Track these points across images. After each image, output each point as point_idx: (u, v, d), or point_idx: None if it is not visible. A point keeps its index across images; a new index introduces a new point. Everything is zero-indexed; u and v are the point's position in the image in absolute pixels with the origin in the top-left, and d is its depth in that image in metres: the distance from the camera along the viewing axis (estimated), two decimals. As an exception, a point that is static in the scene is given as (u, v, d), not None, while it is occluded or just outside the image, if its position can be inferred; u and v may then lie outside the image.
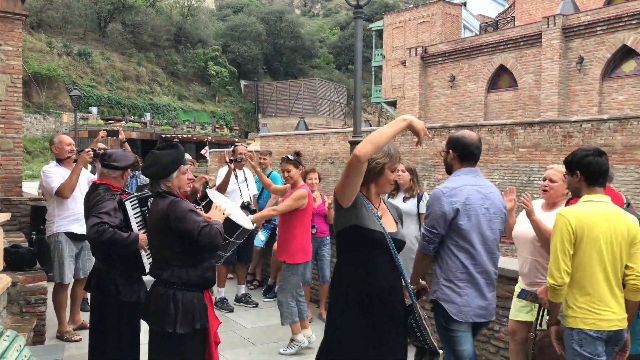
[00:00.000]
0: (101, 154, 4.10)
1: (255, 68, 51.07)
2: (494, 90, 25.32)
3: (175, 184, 3.08)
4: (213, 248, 3.08)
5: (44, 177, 5.12)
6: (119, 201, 3.56)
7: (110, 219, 3.39)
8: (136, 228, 3.51)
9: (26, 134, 29.40)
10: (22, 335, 3.05)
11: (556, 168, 3.70)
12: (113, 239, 3.34)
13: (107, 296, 3.54)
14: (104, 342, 3.55)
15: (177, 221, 2.93)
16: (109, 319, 3.54)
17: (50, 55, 38.19)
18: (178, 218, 2.93)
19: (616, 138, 14.27)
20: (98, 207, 3.45)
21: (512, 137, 16.60)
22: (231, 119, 46.30)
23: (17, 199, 7.22)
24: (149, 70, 45.08)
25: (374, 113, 48.01)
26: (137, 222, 3.53)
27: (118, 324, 3.54)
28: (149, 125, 36.08)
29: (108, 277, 3.55)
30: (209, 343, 3.09)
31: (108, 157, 3.80)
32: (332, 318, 2.73)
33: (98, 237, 3.32)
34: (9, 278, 4.33)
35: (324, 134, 24.20)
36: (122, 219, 3.49)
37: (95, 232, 3.32)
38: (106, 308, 3.55)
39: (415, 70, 28.10)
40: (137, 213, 3.57)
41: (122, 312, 3.54)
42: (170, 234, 2.97)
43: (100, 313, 3.60)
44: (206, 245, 3.01)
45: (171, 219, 2.94)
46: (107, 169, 3.78)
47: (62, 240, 5.07)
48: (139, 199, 3.59)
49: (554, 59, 22.05)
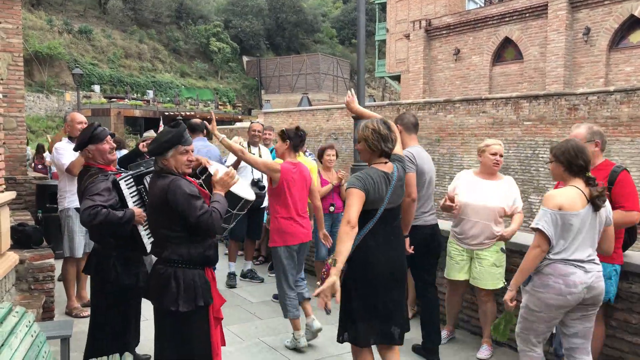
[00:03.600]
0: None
1: (257, 44, 50.57)
2: (499, 63, 25.05)
3: (172, 163, 3.05)
4: (211, 233, 3.08)
5: (56, 154, 5.15)
6: (113, 181, 3.47)
7: (103, 200, 3.28)
8: (132, 207, 3.44)
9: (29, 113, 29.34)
10: (31, 311, 3.09)
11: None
12: (107, 219, 3.23)
13: (107, 280, 3.53)
14: (105, 323, 3.57)
15: (176, 204, 2.92)
16: (109, 301, 3.55)
17: (51, 33, 37.87)
18: (177, 201, 2.91)
19: (622, 110, 14.12)
20: (89, 189, 3.34)
21: (517, 110, 16.46)
22: (234, 96, 46.04)
23: (22, 178, 7.25)
24: (150, 47, 44.70)
25: (378, 88, 47.64)
26: (133, 201, 3.47)
27: (118, 306, 3.56)
28: (151, 103, 35.93)
29: (107, 261, 3.52)
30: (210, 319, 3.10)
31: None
32: None
33: (92, 219, 3.21)
34: (17, 256, 4.37)
35: (327, 110, 24.05)
36: (117, 199, 3.41)
37: (88, 216, 3.21)
38: (106, 291, 3.56)
39: (419, 43, 27.79)
40: (134, 192, 3.51)
41: (122, 294, 3.56)
42: (169, 214, 2.96)
43: (100, 296, 3.61)
44: (205, 232, 3.01)
45: (170, 201, 2.92)
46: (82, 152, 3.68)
47: (73, 215, 5.13)
48: (134, 178, 3.55)
49: (560, 30, 21.74)
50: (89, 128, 3.72)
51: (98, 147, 3.65)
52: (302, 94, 38.55)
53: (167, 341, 3.05)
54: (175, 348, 3.02)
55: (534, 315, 3.17)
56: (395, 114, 20.19)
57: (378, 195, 3.06)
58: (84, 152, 3.66)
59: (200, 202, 2.96)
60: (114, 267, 3.52)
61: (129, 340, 3.72)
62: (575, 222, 3.02)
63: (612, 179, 3.48)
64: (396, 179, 3.16)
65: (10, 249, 4.37)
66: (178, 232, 2.99)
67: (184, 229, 2.99)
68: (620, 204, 3.43)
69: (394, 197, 3.15)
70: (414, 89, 28.00)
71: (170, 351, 3.03)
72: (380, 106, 21.22)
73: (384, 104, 21.47)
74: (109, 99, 34.54)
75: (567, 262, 3.05)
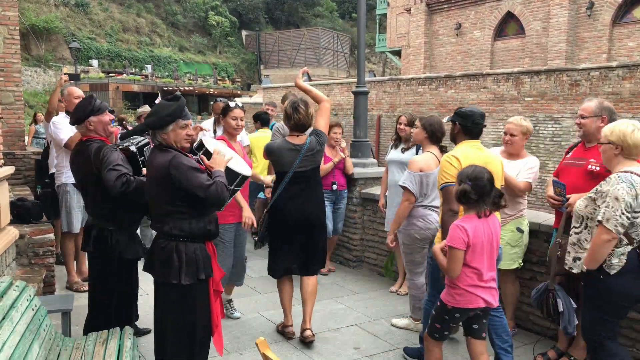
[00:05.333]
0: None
1: (256, 18, 49.91)
2: (501, 38, 24.75)
3: (172, 137, 3.02)
4: (221, 204, 3.07)
5: (53, 128, 5.09)
6: (131, 155, 3.53)
7: (126, 169, 3.35)
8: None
9: (27, 88, 29.11)
10: (32, 285, 3.11)
11: (515, 122, 4.17)
12: (138, 185, 3.30)
13: (109, 256, 3.55)
14: (107, 298, 3.59)
15: (180, 180, 2.89)
16: (111, 276, 3.57)
17: (47, 7, 37.33)
18: (181, 177, 2.89)
19: (624, 86, 14.00)
20: (108, 160, 3.34)
21: (517, 86, 16.32)
22: (233, 71, 45.65)
23: (20, 153, 7.22)
24: (148, 21, 44.14)
25: (378, 63, 47.20)
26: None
27: (119, 280, 3.58)
28: (150, 78, 35.67)
29: (110, 236, 3.53)
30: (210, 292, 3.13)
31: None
32: None
33: (127, 188, 3.27)
34: (17, 231, 4.38)
35: (327, 85, 23.84)
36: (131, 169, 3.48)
37: (121, 185, 3.25)
38: (107, 266, 3.57)
39: (420, 18, 27.41)
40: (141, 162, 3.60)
41: (122, 269, 3.58)
42: (172, 189, 2.94)
43: (101, 270, 3.62)
44: (214, 203, 3.00)
45: (173, 177, 2.90)
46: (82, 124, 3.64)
47: (70, 190, 5.13)
48: (138, 149, 3.59)
49: (563, 4, 21.42)
50: (88, 100, 3.67)
51: (100, 118, 3.63)
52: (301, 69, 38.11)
53: (170, 313, 3.07)
54: (177, 320, 3.05)
55: (408, 248, 4.31)
56: (396, 90, 20.17)
57: (284, 161, 4.00)
58: (85, 124, 3.61)
59: (204, 174, 2.96)
60: (117, 242, 3.54)
61: (131, 315, 3.76)
62: (430, 179, 4.07)
63: None
64: (306, 149, 3.99)
65: (10, 223, 4.38)
66: (179, 206, 2.98)
67: (186, 203, 2.98)
68: None
69: (304, 163, 4.01)
70: (414, 64, 27.72)
71: (172, 323, 3.06)
72: (380, 81, 21.06)
73: (385, 79, 21.29)
74: (107, 73, 34.26)
75: (425, 207, 4.18)
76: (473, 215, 3.00)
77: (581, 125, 3.67)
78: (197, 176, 2.91)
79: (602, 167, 3.49)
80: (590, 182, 3.50)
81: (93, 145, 3.52)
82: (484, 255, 3.00)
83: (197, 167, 2.98)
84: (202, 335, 3.12)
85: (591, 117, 3.60)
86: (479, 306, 3.04)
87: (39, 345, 2.70)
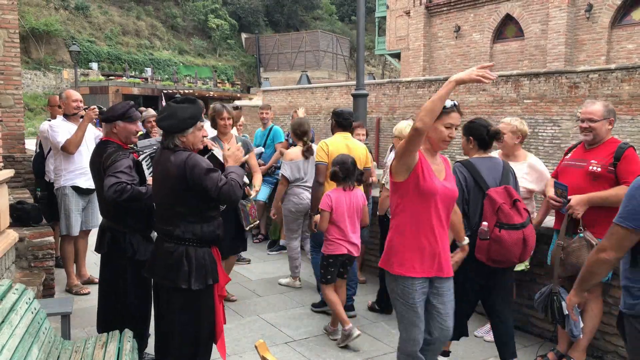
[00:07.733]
0: (104, 111, 4.07)
1: (256, 20, 49.97)
2: (500, 41, 24.79)
3: (190, 140, 2.99)
4: (234, 202, 3.06)
5: (51, 131, 5.11)
6: (134, 161, 3.52)
7: (127, 178, 3.33)
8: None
9: (27, 91, 29.14)
10: (31, 288, 3.11)
11: (504, 122, 4.16)
12: (132, 196, 3.29)
13: (123, 257, 3.55)
14: (117, 300, 3.59)
15: (194, 179, 2.86)
16: (124, 278, 3.56)
17: (47, 10, 37.37)
18: (195, 177, 2.86)
19: (623, 88, 14.02)
20: (114, 166, 3.36)
21: (517, 88, 16.33)
22: (232, 74, 45.67)
23: (20, 156, 7.22)
24: (148, 24, 44.18)
25: (378, 65, 47.24)
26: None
27: (133, 282, 3.56)
28: (150, 81, 35.65)
29: (124, 238, 3.54)
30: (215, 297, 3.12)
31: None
32: None
33: (118, 196, 3.25)
34: (16, 234, 4.38)
35: (326, 88, 23.85)
36: (137, 177, 3.46)
37: (114, 192, 3.24)
38: (121, 267, 3.56)
39: (419, 20, 27.45)
40: (151, 170, 3.58)
41: (136, 270, 3.55)
42: (186, 191, 2.91)
43: (115, 272, 3.61)
44: (227, 202, 2.99)
45: (188, 177, 2.86)
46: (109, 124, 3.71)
47: (69, 193, 5.13)
48: (152, 158, 3.60)
49: (562, 7, 21.46)
50: (125, 104, 3.73)
51: (127, 126, 3.66)
52: (301, 71, 38.21)
53: (176, 317, 3.04)
54: (183, 324, 3.03)
55: (286, 218, 5.52)
56: (395, 92, 20.18)
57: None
58: (112, 125, 3.63)
59: (217, 174, 2.92)
60: (130, 244, 3.55)
61: (148, 314, 3.70)
62: (300, 165, 5.36)
63: (618, 155, 3.53)
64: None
65: (10, 226, 4.38)
66: (194, 209, 2.96)
67: (200, 206, 2.97)
68: (624, 179, 3.46)
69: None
70: (414, 67, 27.74)
71: (177, 327, 3.03)
72: (380, 84, 21.08)
73: (384, 82, 21.31)
74: (107, 76, 34.25)
75: (299, 187, 5.40)
76: (340, 189, 4.22)
77: (591, 129, 3.65)
78: (211, 175, 2.88)
79: (604, 169, 3.50)
80: (591, 184, 3.51)
81: (109, 148, 3.56)
82: (345, 217, 4.16)
83: (212, 167, 2.96)
84: (206, 340, 3.11)
85: (601, 121, 3.62)
86: (343, 253, 4.18)
87: (38, 348, 2.70)
